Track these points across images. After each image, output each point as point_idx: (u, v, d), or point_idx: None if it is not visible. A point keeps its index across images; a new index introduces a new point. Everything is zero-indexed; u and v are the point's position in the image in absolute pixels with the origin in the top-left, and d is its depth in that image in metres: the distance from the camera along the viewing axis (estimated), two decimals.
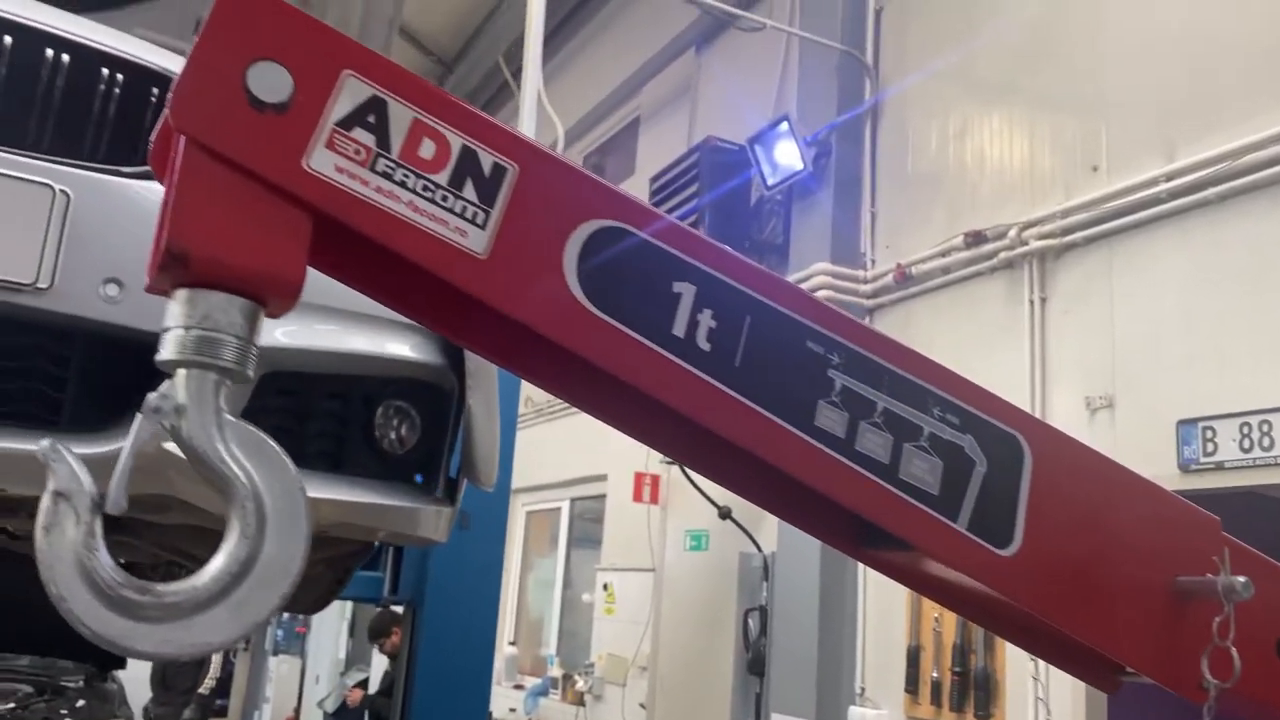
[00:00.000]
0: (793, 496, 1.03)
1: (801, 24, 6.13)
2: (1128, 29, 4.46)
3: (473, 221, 0.80)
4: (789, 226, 5.97)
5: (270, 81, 0.73)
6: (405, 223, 0.77)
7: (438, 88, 0.81)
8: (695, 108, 7.36)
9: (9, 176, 1.49)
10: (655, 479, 6.70)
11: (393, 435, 1.86)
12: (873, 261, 5.54)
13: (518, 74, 10.31)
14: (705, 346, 0.87)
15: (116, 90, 1.67)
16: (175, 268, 0.71)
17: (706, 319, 0.88)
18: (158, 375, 1.63)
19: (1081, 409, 4.27)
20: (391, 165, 0.77)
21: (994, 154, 5.02)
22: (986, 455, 0.97)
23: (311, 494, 1.80)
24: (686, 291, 0.87)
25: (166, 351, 0.72)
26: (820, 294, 5.36)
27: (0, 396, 1.54)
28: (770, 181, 5.74)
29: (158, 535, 2.08)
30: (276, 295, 0.74)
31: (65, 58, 1.63)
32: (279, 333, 1.66)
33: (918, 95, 5.52)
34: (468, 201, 0.80)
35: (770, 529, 5.50)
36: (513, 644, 8.68)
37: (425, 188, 0.78)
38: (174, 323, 0.72)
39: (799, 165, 5.58)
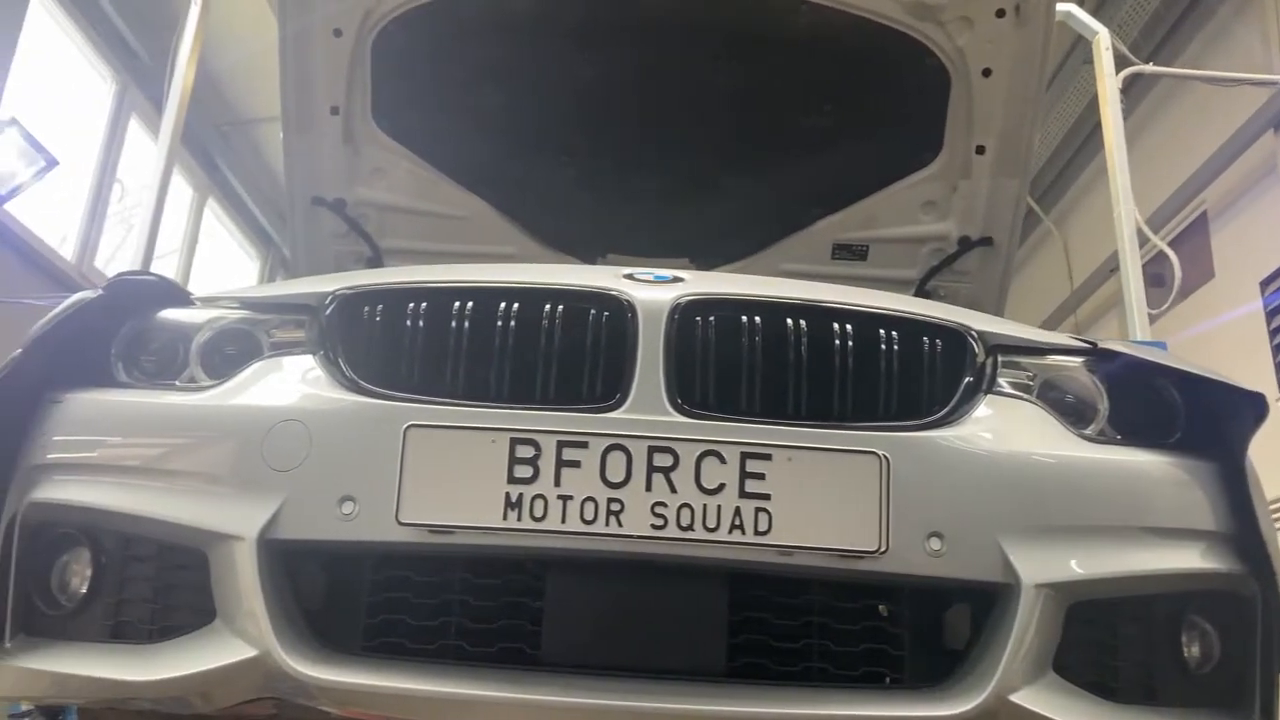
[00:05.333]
0: None
1: None
2: None
3: None
4: None
5: None
6: None
7: None
8: None
9: (849, 451, 1.56)
10: None
11: (1197, 653, 1.68)
12: None
13: (1041, 200, 9.89)
14: None
15: (895, 347, 1.71)
16: None
17: None
18: (974, 618, 1.58)
19: None
20: None
21: None
22: None
23: None
24: None
25: None
26: None
27: (848, 660, 1.59)
28: None
29: None
30: None
31: (849, 327, 1.71)
32: (1073, 563, 1.58)
33: None
34: None
35: None
36: None
37: None
38: None
39: None
